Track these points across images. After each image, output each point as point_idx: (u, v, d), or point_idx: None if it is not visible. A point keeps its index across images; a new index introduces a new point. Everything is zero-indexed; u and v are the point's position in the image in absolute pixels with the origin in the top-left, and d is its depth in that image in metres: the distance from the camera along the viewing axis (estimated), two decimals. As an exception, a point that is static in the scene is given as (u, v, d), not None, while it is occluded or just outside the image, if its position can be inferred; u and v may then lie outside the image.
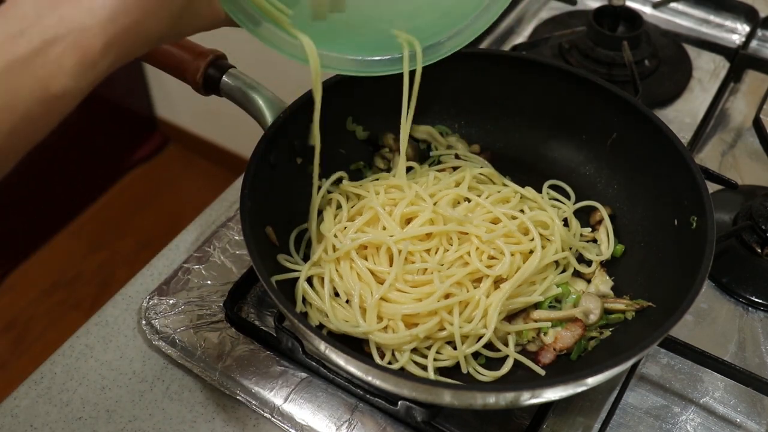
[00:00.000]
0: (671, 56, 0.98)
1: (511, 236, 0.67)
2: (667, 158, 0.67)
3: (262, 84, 0.69)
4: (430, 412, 0.59)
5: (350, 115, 0.76)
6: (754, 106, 0.90)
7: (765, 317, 0.72)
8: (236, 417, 0.64)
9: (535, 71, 0.74)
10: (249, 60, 0.92)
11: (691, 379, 0.67)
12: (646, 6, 1.06)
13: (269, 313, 0.70)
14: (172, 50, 0.69)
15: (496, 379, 0.62)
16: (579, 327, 0.64)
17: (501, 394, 0.54)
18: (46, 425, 0.63)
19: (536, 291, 0.66)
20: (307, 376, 0.65)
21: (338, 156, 0.75)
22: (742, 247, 0.75)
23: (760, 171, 0.85)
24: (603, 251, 0.70)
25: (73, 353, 0.68)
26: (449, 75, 0.76)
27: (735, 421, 0.64)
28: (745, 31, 1.03)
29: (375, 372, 0.54)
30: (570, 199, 0.75)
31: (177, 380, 0.66)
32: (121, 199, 2.18)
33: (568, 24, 1.01)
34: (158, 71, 0.71)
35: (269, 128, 0.66)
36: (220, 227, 0.77)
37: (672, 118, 0.91)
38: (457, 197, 0.70)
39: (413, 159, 0.76)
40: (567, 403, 0.64)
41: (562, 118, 0.76)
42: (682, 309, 0.55)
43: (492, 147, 0.78)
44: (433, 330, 0.62)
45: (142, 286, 0.73)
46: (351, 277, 0.64)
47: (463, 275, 0.64)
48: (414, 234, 0.66)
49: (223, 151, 2.15)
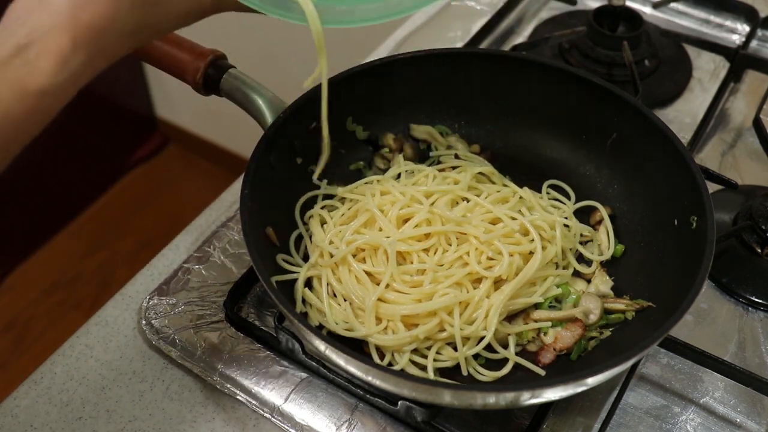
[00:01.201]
0: (671, 56, 0.98)
1: (510, 236, 0.67)
2: (667, 158, 0.67)
3: (262, 84, 0.69)
4: (430, 412, 0.59)
5: (350, 115, 0.76)
6: (754, 106, 0.90)
7: (765, 317, 0.72)
8: (236, 417, 0.64)
9: (535, 71, 0.74)
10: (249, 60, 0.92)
11: (691, 379, 0.67)
12: (646, 6, 1.06)
13: (269, 313, 0.70)
14: (172, 50, 0.69)
15: (496, 379, 0.62)
16: (579, 327, 0.64)
17: (501, 394, 0.54)
18: (46, 425, 0.63)
19: (536, 292, 0.66)
20: (307, 376, 0.65)
21: (338, 156, 0.75)
22: (742, 247, 0.75)
23: (760, 171, 0.85)
24: (603, 251, 0.70)
25: (73, 353, 0.68)
26: (449, 75, 0.76)
27: (735, 421, 0.64)
28: (745, 31, 1.03)
29: (375, 372, 0.54)
30: (570, 199, 0.75)
31: (177, 380, 0.66)
32: (121, 199, 2.18)
33: (568, 24, 1.01)
34: (158, 71, 0.71)
35: (269, 128, 0.66)
36: (220, 227, 0.77)
37: (672, 118, 0.91)
38: (455, 197, 0.70)
39: (413, 159, 0.76)
40: (567, 403, 0.64)
41: (562, 118, 0.76)
42: (682, 309, 0.55)
43: (492, 147, 0.78)
44: (433, 331, 0.62)
45: (142, 286, 0.73)
46: (350, 280, 0.64)
47: (462, 276, 0.64)
48: (410, 234, 0.66)
49: (223, 151, 2.15)
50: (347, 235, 0.66)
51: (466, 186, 0.70)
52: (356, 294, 0.63)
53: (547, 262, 0.67)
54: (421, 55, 0.75)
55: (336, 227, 0.68)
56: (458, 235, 0.67)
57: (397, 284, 0.63)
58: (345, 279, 0.64)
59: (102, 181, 2.19)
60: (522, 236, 0.67)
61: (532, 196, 0.72)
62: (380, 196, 0.69)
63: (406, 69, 0.75)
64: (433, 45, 0.97)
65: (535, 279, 0.66)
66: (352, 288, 0.64)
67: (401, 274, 0.64)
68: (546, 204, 0.73)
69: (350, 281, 0.64)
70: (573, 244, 0.70)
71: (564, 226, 0.70)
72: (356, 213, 0.69)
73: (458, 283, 0.64)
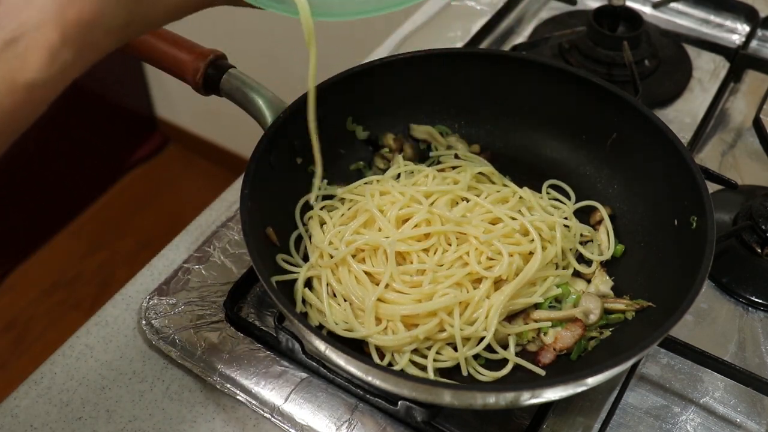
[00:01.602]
0: (671, 56, 0.98)
1: (510, 237, 0.67)
2: (667, 158, 0.67)
3: (262, 84, 0.69)
4: (430, 412, 0.59)
5: (350, 115, 0.76)
6: (754, 106, 0.90)
7: (765, 317, 0.72)
8: (236, 417, 0.64)
9: (535, 71, 0.74)
10: (249, 60, 0.92)
11: (691, 379, 0.67)
12: (646, 6, 1.06)
13: (269, 313, 0.70)
14: (172, 50, 0.69)
15: (496, 379, 0.62)
16: (579, 327, 0.64)
17: (501, 394, 0.54)
18: (46, 425, 0.63)
19: (536, 292, 0.66)
20: (307, 376, 0.65)
21: (338, 156, 0.75)
22: (742, 247, 0.75)
23: (760, 171, 0.85)
24: (603, 251, 0.70)
25: (73, 353, 0.68)
26: (449, 75, 0.76)
27: (735, 421, 0.64)
28: (745, 31, 1.03)
29: (375, 372, 0.54)
30: (570, 199, 0.75)
31: (177, 380, 0.66)
32: (121, 199, 2.18)
33: (568, 24, 1.01)
34: (158, 71, 0.71)
35: (269, 128, 0.66)
36: (220, 227, 0.77)
37: (672, 118, 0.91)
38: (455, 197, 0.70)
39: (413, 159, 0.76)
40: (567, 403, 0.64)
41: (562, 118, 0.76)
42: (682, 309, 0.55)
43: (492, 147, 0.78)
44: (433, 331, 0.62)
45: (142, 286, 0.73)
46: (349, 281, 0.64)
47: (462, 276, 0.64)
48: (409, 235, 0.66)
49: (223, 151, 2.15)
50: (347, 235, 0.66)
51: (465, 186, 0.70)
52: (356, 294, 0.63)
53: (547, 263, 0.67)
54: (421, 55, 0.75)
55: (335, 228, 0.68)
56: (458, 235, 0.67)
57: (396, 284, 0.63)
58: (345, 279, 0.64)
59: (102, 181, 2.19)
60: (522, 236, 0.67)
61: (532, 196, 0.72)
62: (380, 197, 0.69)
63: (406, 69, 0.75)
64: (433, 45, 0.97)
65: (535, 279, 0.66)
66: (352, 288, 0.64)
67: (401, 274, 0.64)
68: (546, 204, 0.73)
69: (350, 281, 0.64)
70: (573, 244, 0.70)
71: (564, 226, 0.70)
72: (356, 213, 0.69)
73: (458, 283, 0.64)
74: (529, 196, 0.72)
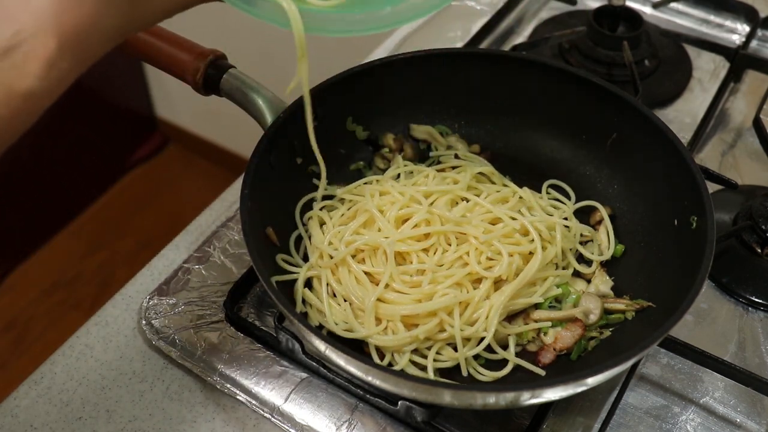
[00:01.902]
0: (671, 56, 0.98)
1: (510, 237, 0.67)
2: (667, 158, 0.67)
3: (262, 84, 0.69)
4: (430, 412, 0.59)
5: (350, 115, 0.76)
6: (754, 106, 0.90)
7: (765, 317, 0.72)
8: (236, 417, 0.64)
9: (535, 71, 0.74)
10: (249, 60, 0.92)
11: (691, 379, 0.67)
12: (646, 6, 1.06)
13: (269, 313, 0.70)
14: (172, 50, 0.69)
15: (496, 379, 0.62)
16: (579, 327, 0.64)
17: (501, 394, 0.54)
18: (46, 425, 0.63)
19: (536, 292, 0.66)
20: (307, 376, 0.65)
21: (338, 156, 0.75)
22: (742, 247, 0.75)
23: (760, 171, 0.85)
24: (603, 251, 0.70)
25: (73, 353, 0.68)
26: (449, 75, 0.76)
27: (735, 421, 0.64)
28: (745, 31, 1.03)
29: (375, 372, 0.54)
30: (570, 199, 0.75)
31: (177, 380, 0.66)
32: (121, 199, 2.18)
33: (568, 24, 1.01)
34: (158, 71, 0.71)
35: (269, 128, 0.66)
36: (220, 227, 0.77)
37: (672, 118, 0.91)
38: (455, 197, 0.70)
39: (413, 159, 0.76)
40: (567, 403, 0.64)
41: (562, 118, 0.76)
42: (682, 309, 0.55)
43: (492, 147, 0.78)
44: (433, 331, 0.62)
45: (142, 286, 0.73)
46: (349, 281, 0.64)
47: (462, 276, 0.64)
48: (409, 235, 0.66)
49: (223, 151, 2.15)
50: (346, 235, 0.66)
51: (465, 186, 0.70)
52: (356, 294, 0.63)
53: (547, 263, 0.67)
54: (421, 55, 0.75)
55: (335, 228, 0.68)
56: (458, 235, 0.67)
57: (396, 284, 0.63)
58: (344, 279, 0.64)
59: (102, 181, 2.19)
60: (522, 236, 0.67)
61: (532, 196, 0.72)
62: (379, 197, 0.69)
63: (406, 69, 0.75)
64: (433, 45, 0.97)
65: (535, 279, 0.66)
66: (352, 288, 0.64)
67: (401, 274, 0.64)
68: (546, 204, 0.73)
69: (350, 282, 0.64)
70: (573, 244, 0.70)
71: (564, 226, 0.70)
72: (355, 213, 0.69)
73: (458, 283, 0.64)
74: (529, 196, 0.72)
